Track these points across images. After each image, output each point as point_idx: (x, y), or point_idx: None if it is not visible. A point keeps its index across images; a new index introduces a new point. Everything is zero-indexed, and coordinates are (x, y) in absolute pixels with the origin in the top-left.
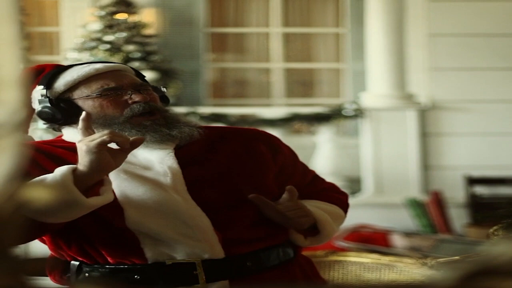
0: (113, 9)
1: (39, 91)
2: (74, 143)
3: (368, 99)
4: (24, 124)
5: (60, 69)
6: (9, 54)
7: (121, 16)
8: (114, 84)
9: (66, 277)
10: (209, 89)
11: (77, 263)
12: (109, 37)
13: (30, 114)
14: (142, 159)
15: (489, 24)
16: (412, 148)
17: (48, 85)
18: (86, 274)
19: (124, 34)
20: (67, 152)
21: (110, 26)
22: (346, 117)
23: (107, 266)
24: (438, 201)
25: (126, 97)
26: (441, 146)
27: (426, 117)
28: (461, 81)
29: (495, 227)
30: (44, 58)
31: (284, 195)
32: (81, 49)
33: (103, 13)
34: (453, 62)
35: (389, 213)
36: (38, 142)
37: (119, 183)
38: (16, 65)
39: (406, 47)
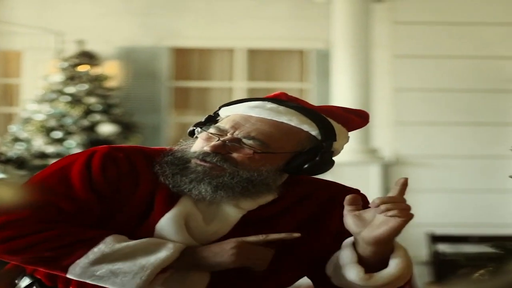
0: (76, 60)
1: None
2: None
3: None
4: None
5: (249, 99)
6: None
7: (83, 68)
8: (227, 127)
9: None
10: (170, 144)
11: (31, 280)
12: (70, 89)
13: None
14: (210, 211)
15: (452, 79)
16: None
17: (223, 106)
18: None
19: (85, 86)
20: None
21: (72, 78)
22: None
23: None
24: None
25: (211, 142)
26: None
27: (390, 172)
28: (425, 136)
29: (481, 271)
30: (3, 110)
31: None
32: (41, 100)
33: (65, 64)
34: (418, 116)
35: None
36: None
37: (167, 222)
38: None
39: (371, 102)
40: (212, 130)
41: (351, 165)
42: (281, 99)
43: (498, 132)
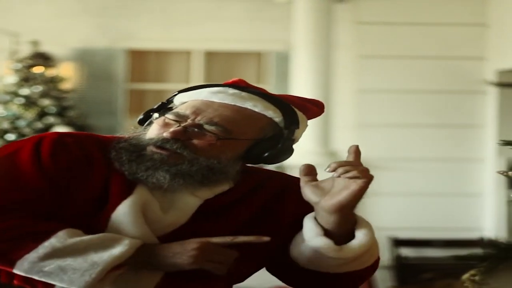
0: (30, 62)
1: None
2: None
3: (292, 156)
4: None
5: (207, 85)
6: None
7: (37, 70)
8: (187, 113)
9: None
10: None
11: None
12: (24, 91)
13: None
14: (166, 199)
15: (417, 80)
16: None
17: (179, 93)
18: None
19: (40, 88)
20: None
21: (26, 80)
22: None
23: None
24: None
25: (170, 128)
26: (367, 205)
27: None
28: (388, 138)
29: (472, 272)
30: None
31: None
32: None
33: (20, 66)
34: (381, 118)
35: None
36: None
37: (123, 211)
38: None
39: (332, 104)
40: (170, 116)
41: None
42: (242, 85)
43: (462, 134)
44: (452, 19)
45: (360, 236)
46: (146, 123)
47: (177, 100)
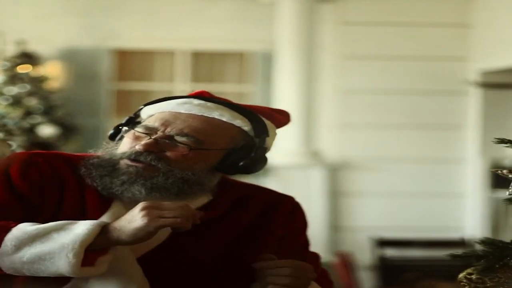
0: (17, 61)
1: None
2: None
3: (275, 156)
4: None
5: (173, 97)
6: None
7: (24, 69)
8: (154, 125)
9: None
10: None
11: None
12: (11, 90)
13: None
14: None
15: (400, 81)
16: (319, 208)
17: (145, 105)
18: None
19: (27, 87)
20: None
21: (13, 79)
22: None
23: None
24: (346, 263)
25: (141, 141)
26: (350, 206)
27: (335, 175)
28: (371, 138)
29: (468, 270)
30: None
31: None
32: None
33: (7, 65)
34: (364, 119)
35: None
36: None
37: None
38: None
39: (316, 104)
40: (140, 129)
41: (294, 168)
42: (206, 96)
43: (446, 135)
44: (436, 19)
45: None
46: (117, 137)
47: (144, 113)
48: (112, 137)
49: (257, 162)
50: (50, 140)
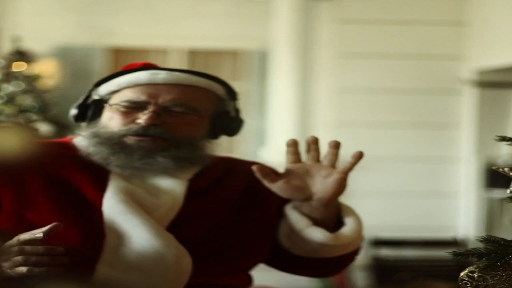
0: (12, 58)
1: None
2: (81, 150)
3: (270, 155)
4: None
5: (126, 70)
6: None
7: (18, 67)
8: (142, 98)
9: None
10: None
11: None
12: (5, 88)
13: None
14: (150, 183)
15: (397, 79)
16: None
17: (99, 84)
18: None
19: (22, 85)
20: (70, 162)
21: (7, 77)
22: None
23: None
24: None
25: (139, 115)
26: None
27: None
28: (367, 137)
29: (470, 268)
30: None
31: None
32: None
33: (2, 62)
34: (360, 117)
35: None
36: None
37: (112, 203)
38: None
39: (312, 102)
40: (125, 103)
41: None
42: (159, 67)
43: (440, 134)
44: (432, 17)
45: (350, 222)
46: (89, 117)
47: (104, 90)
48: (78, 118)
49: (239, 124)
50: (45, 138)
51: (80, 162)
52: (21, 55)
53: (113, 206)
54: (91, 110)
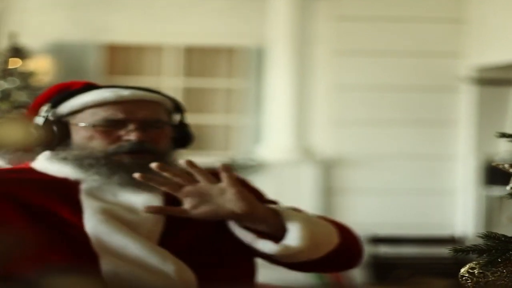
0: (7, 54)
1: (43, 109)
2: (45, 174)
3: (266, 153)
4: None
5: (81, 89)
6: None
7: (14, 63)
8: (121, 116)
9: None
10: None
11: None
12: (0, 84)
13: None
14: (124, 200)
15: (394, 77)
16: (311, 204)
17: (55, 104)
18: None
19: (17, 82)
20: (38, 187)
21: (3, 73)
22: (241, 170)
23: None
24: None
25: (122, 133)
26: (342, 202)
27: (328, 172)
28: (366, 135)
29: (471, 264)
30: None
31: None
32: None
33: None
34: (358, 115)
35: (287, 271)
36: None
37: (94, 224)
38: None
39: (309, 100)
40: (104, 123)
41: (285, 164)
42: (100, 85)
43: (439, 131)
44: (430, 14)
45: (293, 228)
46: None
47: (66, 107)
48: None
49: (191, 136)
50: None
51: (48, 186)
52: (17, 52)
53: (96, 227)
54: (54, 131)
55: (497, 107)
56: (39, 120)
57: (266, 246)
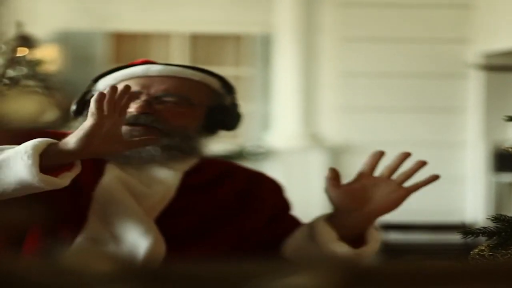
0: (14, 43)
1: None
2: None
3: (275, 140)
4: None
5: (127, 66)
6: None
7: (21, 51)
8: (136, 89)
9: None
10: None
11: None
12: (8, 73)
13: None
14: (143, 174)
15: (401, 64)
16: (320, 191)
17: (96, 80)
18: None
19: (24, 70)
20: None
21: (11, 62)
22: (250, 157)
23: None
24: None
25: (134, 106)
26: None
27: (336, 158)
28: (375, 122)
29: (481, 246)
30: None
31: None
32: None
33: (5, 48)
34: (367, 102)
35: None
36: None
37: (103, 190)
38: None
39: (317, 87)
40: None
41: (293, 151)
42: (156, 62)
43: (447, 118)
44: (437, 0)
45: (372, 241)
46: (85, 112)
47: (102, 85)
48: (77, 113)
49: (237, 118)
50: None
51: None
52: (24, 40)
53: (103, 194)
54: (84, 104)
55: (506, 93)
56: (78, 95)
57: (343, 249)
